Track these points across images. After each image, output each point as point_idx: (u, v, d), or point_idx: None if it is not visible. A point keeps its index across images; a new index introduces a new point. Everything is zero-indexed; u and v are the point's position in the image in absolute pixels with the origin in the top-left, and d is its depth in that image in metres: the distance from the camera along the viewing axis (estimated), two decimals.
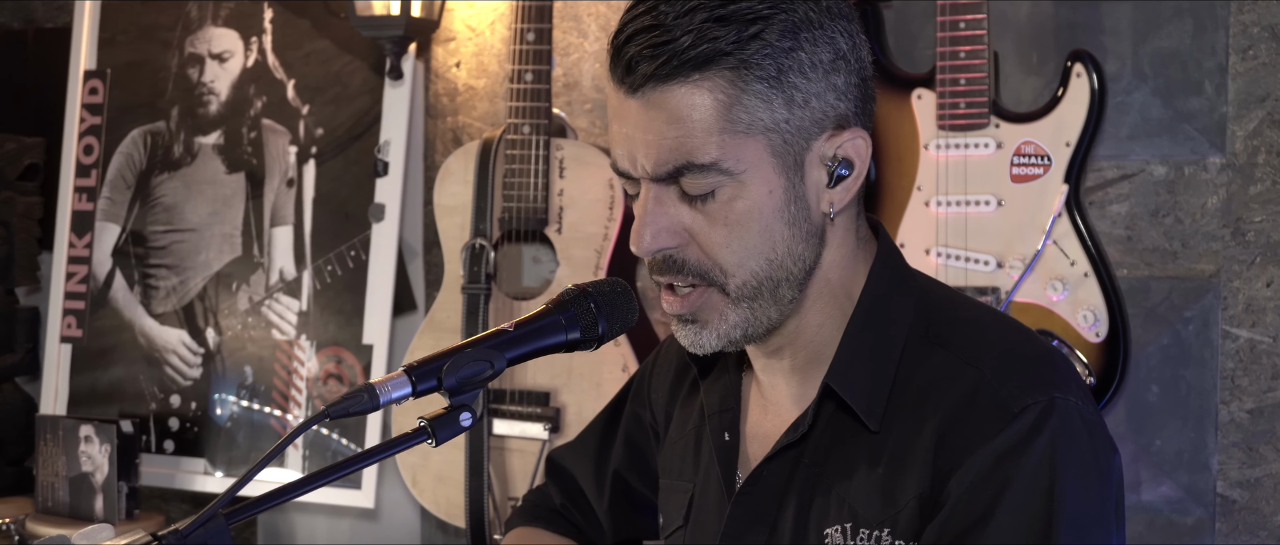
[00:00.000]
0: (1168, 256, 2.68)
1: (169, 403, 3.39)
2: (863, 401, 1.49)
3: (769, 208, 1.45)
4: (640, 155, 1.45)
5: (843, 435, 1.51)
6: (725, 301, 1.48)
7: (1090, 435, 1.44)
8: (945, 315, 1.53)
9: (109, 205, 3.51)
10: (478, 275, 2.91)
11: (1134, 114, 2.68)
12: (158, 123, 3.48)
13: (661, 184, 1.46)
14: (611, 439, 1.85)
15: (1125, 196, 2.70)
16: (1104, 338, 2.52)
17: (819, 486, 1.51)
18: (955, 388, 1.45)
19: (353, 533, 3.38)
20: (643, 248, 1.47)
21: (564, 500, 1.89)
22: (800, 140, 1.45)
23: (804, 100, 1.44)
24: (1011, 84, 2.74)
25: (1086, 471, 1.42)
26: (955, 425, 1.43)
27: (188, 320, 3.39)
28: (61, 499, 3.31)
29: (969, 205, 2.59)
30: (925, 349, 1.50)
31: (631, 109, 1.45)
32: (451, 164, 3.01)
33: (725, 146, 1.42)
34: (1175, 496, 2.67)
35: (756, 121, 1.42)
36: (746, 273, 1.46)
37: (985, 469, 1.40)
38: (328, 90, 3.27)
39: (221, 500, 1.38)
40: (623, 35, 1.45)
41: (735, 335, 1.49)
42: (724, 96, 1.41)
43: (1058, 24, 2.71)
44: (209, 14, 3.43)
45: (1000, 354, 1.48)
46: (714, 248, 1.46)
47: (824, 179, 1.47)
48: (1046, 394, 1.42)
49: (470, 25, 3.25)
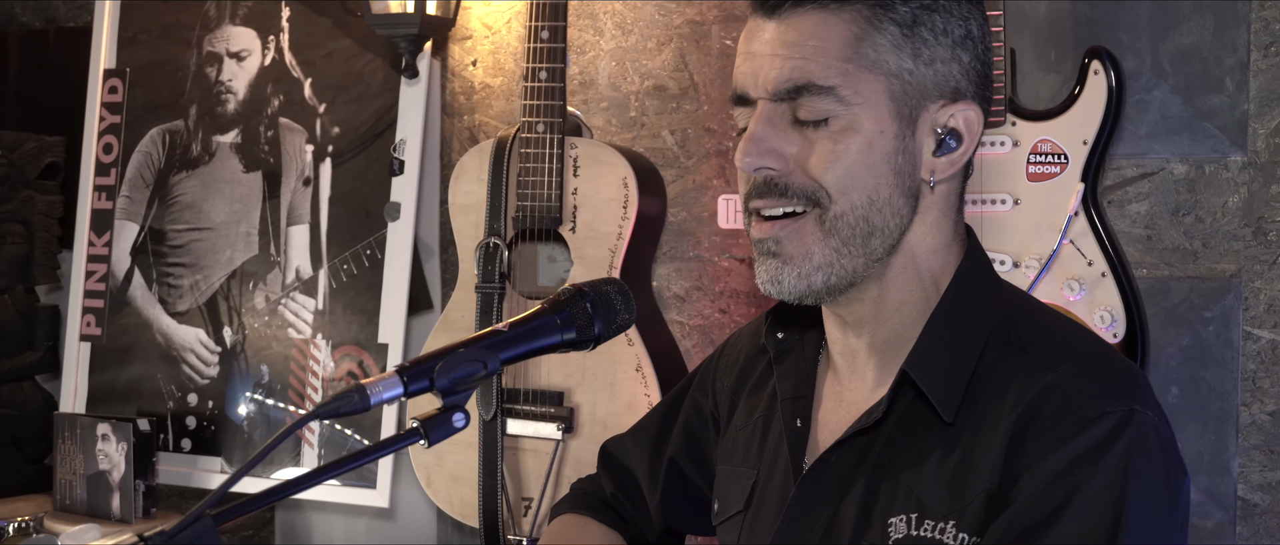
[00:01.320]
0: (1188, 256, 2.64)
1: (186, 401, 3.40)
2: (940, 392, 1.48)
3: (879, 147, 1.46)
4: (764, 73, 1.47)
5: (916, 426, 1.50)
6: (818, 231, 1.47)
7: (1164, 452, 1.43)
8: (1028, 321, 1.53)
9: (128, 204, 3.52)
10: (491, 274, 2.90)
11: (1154, 112, 2.64)
12: (176, 121, 3.48)
13: (776, 104, 1.47)
14: (670, 426, 1.85)
15: (1145, 195, 2.66)
16: (1121, 338, 2.49)
17: (887, 475, 1.50)
18: (1033, 388, 1.44)
19: (369, 532, 3.37)
20: (746, 163, 1.48)
21: (615, 490, 1.88)
22: (918, 95, 1.47)
23: (930, 59, 1.47)
24: (1029, 82, 2.71)
25: (1156, 487, 1.40)
26: (1031, 425, 1.42)
27: (205, 319, 3.40)
28: (79, 497, 3.32)
29: (985, 204, 2.56)
30: (1005, 351, 1.49)
31: (767, 30, 1.48)
32: (466, 162, 3.00)
33: (848, 75, 1.45)
34: (1195, 499, 2.64)
35: (882, 61, 1.45)
36: (848, 202, 1.47)
37: (1057, 471, 1.39)
38: (350, 89, 3.27)
39: (209, 501, 1.38)
40: None
41: (816, 280, 1.49)
42: (857, 29, 1.45)
43: (1076, 21, 2.68)
44: (227, 13, 3.43)
45: (1080, 361, 1.47)
46: (820, 169, 1.46)
47: (932, 146, 1.49)
48: (1125, 404, 1.41)
49: (486, 23, 3.24)
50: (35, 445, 3.56)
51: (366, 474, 3.16)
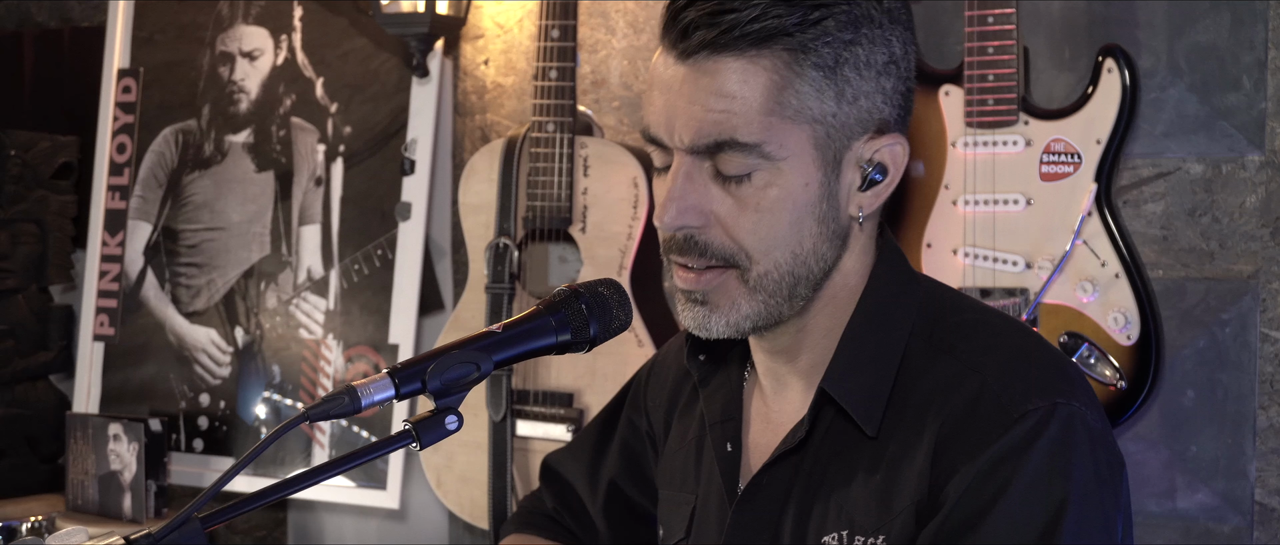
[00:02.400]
0: (1204, 257, 2.60)
1: (198, 401, 3.39)
2: (860, 407, 1.45)
3: (803, 200, 1.41)
4: (680, 124, 1.41)
5: (842, 442, 1.47)
6: (742, 289, 1.44)
7: (1093, 444, 1.39)
8: (950, 319, 1.49)
9: (141, 204, 3.52)
10: (501, 274, 2.88)
11: (1169, 110, 2.61)
12: (189, 121, 3.48)
13: (696, 158, 1.42)
14: (607, 446, 1.81)
15: (1161, 195, 2.62)
16: (1135, 340, 2.45)
17: (818, 493, 1.47)
18: (957, 394, 1.40)
19: (380, 533, 3.36)
20: (666, 222, 1.43)
21: (556, 504, 1.85)
22: (843, 137, 1.41)
23: (853, 96, 1.40)
24: (1043, 80, 2.68)
25: (1087, 480, 1.37)
26: (955, 431, 1.39)
27: (217, 319, 3.39)
28: (91, 497, 3.32)
29: (997, 204, 2.53)
30: (929, 354, 1.46)
31: (679, 76, 1.40)
32: (476, 162, 2.99)
33: (771, 128, 1.38)
34: (1211, 504, 2.60)
35: (805, 109, 1.39)
36: (770, 262, 1.42)
37: (983, 472, 1.36)
38: (366, 89, 3.25)
39: (197, 503, 1.37)
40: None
41: (745, 326, 1.46)
42: (778, 77, 1.38)
43: (1091, 18, 2.65)
44: (240, 12, 3.42)
45: (1004, 359, 1.43)
46: (741, 232, 1.42)
47: (857, 181, 1.44)
48: (1048, 398, 1.38)
49: (499, 22, 3.22)
50: (49, 445, 3.56)
51: (377, 475, 3.14)
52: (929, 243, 2.58)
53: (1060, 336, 2.49)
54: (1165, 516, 2.63)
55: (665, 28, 1.42)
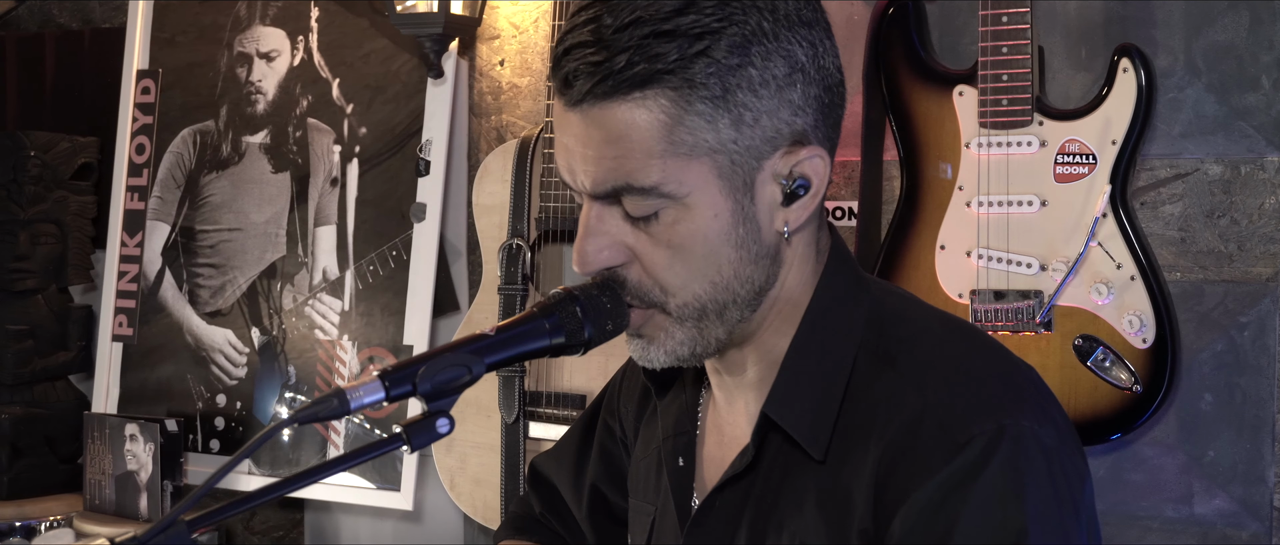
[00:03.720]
0: (1223, 259, 2.57)
1: (215, 402, 3.39)
2: (804, 430, 1.39)
3: (714, 231, 1.36)
4: (579, 171, 1.38)
5: (792, 464, 1.42)
6: (668, 320, 1.40)
7: (1048, 461, 1.31)
8: (896, 330, 1.42)
9: (159, 204, 3.53)
10: (514, 276, 2.87)
11: (1187, 111, 2.57)
12: (207, 122, 3.49)
13: (603, 202, 1.38)
14: (587, 450, 1.79)
15: (1179, 197, 2.59)
16: (1151, 344, 2.42)
17: (770, 519, 1.42)
18: (899, 415, 1.34)
19: (396, 534, 3.36)
20: (584, 265, 1.40)
21: (543, 508, 1.84)
22: (749, 160, 1.35)
23: (753, 119, 1.34)
24: (1060, 80, 2.65)
25: (1045, 499, 1.30)
26: (898, 458, 1.33)
27: (234, 320, 3.39)
28: (108, 497, 3.33)
29: (1011, 205, 2.50)
30: (875, 367, 1.40)
31: (572, 121, 1.37)
32: (490, 163, 2.98)
33: (667, 169, 1.33)
34: (1229, 510, 2.57)
35: (700, 143, 1.33)
36: (688, 295, 1.38)
37: (932, 504, 1.30)
38: (387, 89, 3.25)
39: (183, 506, 1.35)
40: (562, 45, 1.36)
41: (683, 352, 1.42)
42: (666, 117, 1.32)
43: (1108, 18, 2.62)
44: (257, 13, 3.43)
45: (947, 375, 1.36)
46: (656, 269, 1.38)
47: (778, 197, 1.38)
48: (994, 420, 1.31)
49: (514, 22, 3.21)
50: (68, 445, 3.57)
51: (391, 477, 3.14)
52: (943, 244, 2.56)
53: (1075, 339, 2.46)
54: (1182, 522, 2.60)
55: (551, 74, 1.39)
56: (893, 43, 2.61)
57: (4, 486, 3.45)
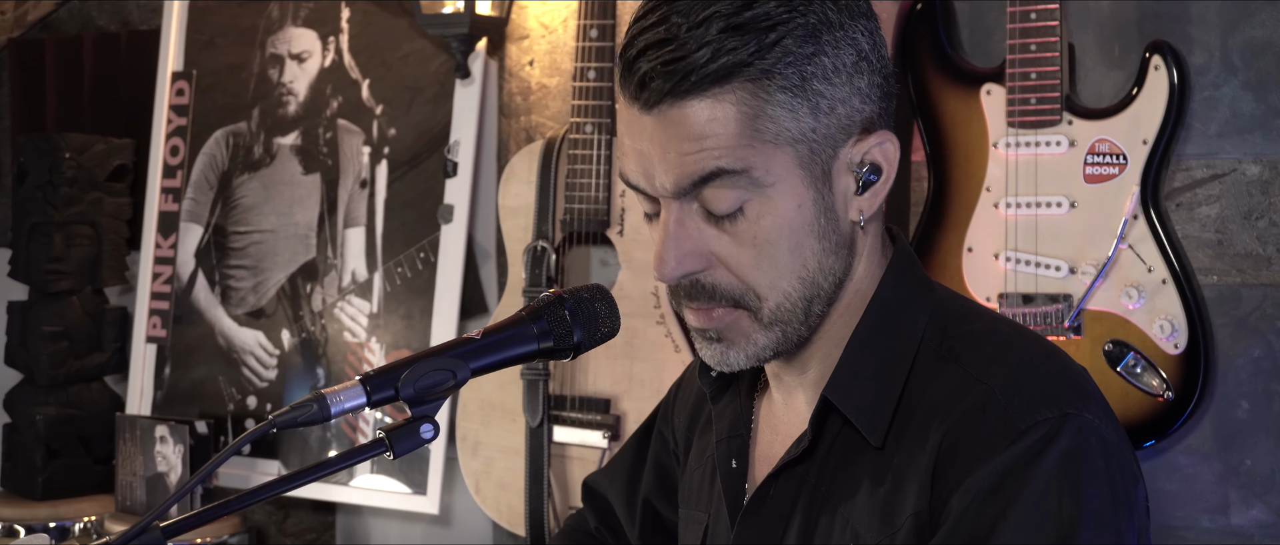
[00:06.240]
0: (1261, 262, 2.50)
1: (246, 404, 3.39)
2: (864, 416, 1.39)
3: (799, 223, 1.36)
4: (660, 174, 1.36)
5: (849, 453, 1.41)
6: (756, 326, 1.39)
7: (1106, 457, 1.31)
8: (960, 329, 1.42)
9: (193, 206, 3.53)
10: (539, 278, 2.85)
11: (1223, 109, 2.50)
12: (239, 124, 3.48)
13: (684, 202, 1.37)
14: (641, 464, 1.78)
15: (1215, 198, 2.52)
16: (1183, 349, 2.36)
17: (825, 506, 1.42)
18: (961, 403, 1.34)
19: (425, 536, 3.34)
20: (667, 273, 1.38)
21: (598, 524, 1.82)
22: (828, 148, 1.36)
23: (830, 107, 1.35)
24: (1093, 79, 2.58)
25: (1100, 493, 1.29)
26: (959, 442, 1.32)
27: (264, 321, 3.39)
28: (139, 498, 3.33)
29: (1040, 207, 2.44)
30: (937, 363, 1.40)
31: (646, 125, 1.35)
32: (516, 164, 2.95)
33: (754, 154, 1.33)
34: (1267, 520, 2.49)
35: (783, 132, 1.33)
36: (780, 295, 1.38)
37: (988, 488, 1.29)
38: (426, 90, 3.23)
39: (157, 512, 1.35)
40: (633, 48, 1.35)
41: (765, 355, 1.42)
42: (748, 109, 1.32)
43: (1141, 15, 2.55)
44: (290, 14, 3.42)
45: (1012, 369, 1.36)
46: (745, 270, 1.37)
47: (852, 186, 1.39)
48: (1057, 410, 1.31)
49: (543, 22, 3.19)
50: (103, 446, 3.58)
51: (417, 481, 3.12)
52: (970, 246, 2.50)
53: (1105, 344, 2.40)
54: (1218, 533, 2.52)
55: (622, 79, 1.37)
56: (920, 40, 2.56)
57: (38, 487, 3.47)
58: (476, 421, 2.98)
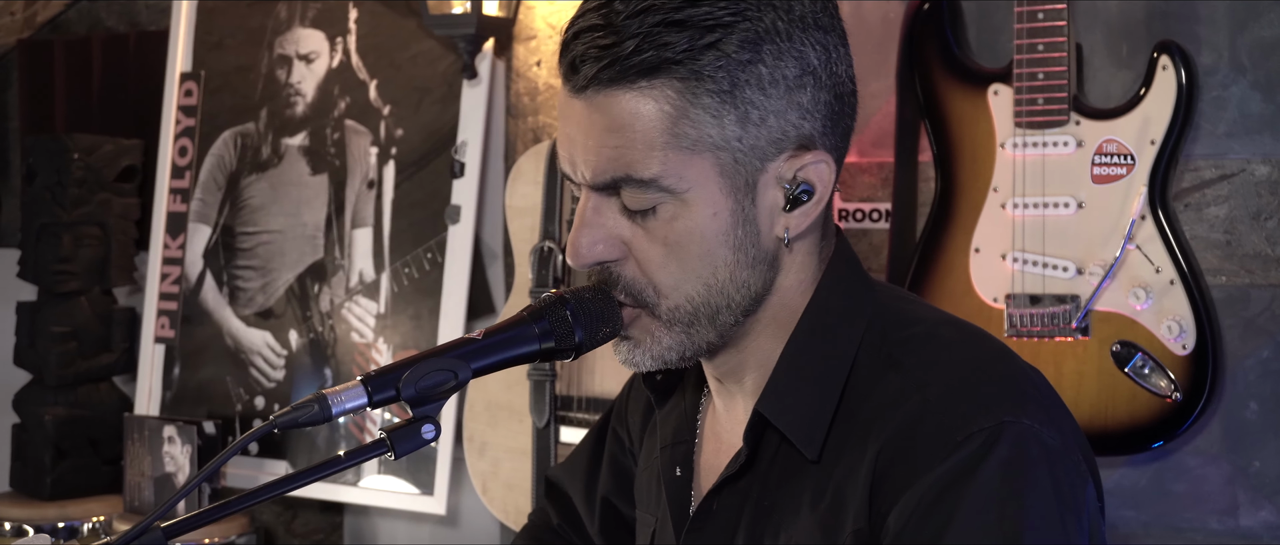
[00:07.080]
0: (1270, 262, 2.48)
1: (253, 404, 3.39)
2: (799, 430, 1.36)
3: (712, 230, 1.33)
4: (580, 161, 1.35)
5: (789, 467, 1.38)
6: (657, 324, 1.37)
7: (1050, 461, 1.27)
8: (902, 333, 1.39)
9: (201, 207, 3.53)
10: (545, 278, 2.84)
11: (1232, 109, 2.49)
12: (248, 124, 3.49)
13: (601, 193, 1.36)
14: (598, 462, 1.76)
15: (1224, 198, 2.51)
16: (1191, 350, 2.35)
17: (768, 522, 1.39)
18: (898, 413, 1.31)
19: (433, 537, 3.34)
20: (578, 258, 1.37)
21: (561, 520, 1.81)
22: (753, 160, 1.33)
23: (760, 118, 1.32)
24: (1100, 79, 2.57)
25: (1044, 499, 1.26)
26: (895, 456, 1.29)
27: (272, 322, 3.39)
28: (147, 499, 3.34)
29: (1047, 207, 2.43)
30: (878, 370, 1.36)
31: (575, 109, 1.35)
32: (523, 165, 2.95)
33: (668, 162, 1.31)
34: (1276, 522, 2.48)
35: (704, 138, 1.31)
36: (680, 297, 1.36)
37: (927, 503, 1.26)
38: (435, 90, 3.23)
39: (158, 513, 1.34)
40: (571, 30, 1.34)
41: (671, 357, 1.39)
42: (671, 108, 1.30)
43: (1149, 15, 2.54)
44: (298, 14, 3.42)
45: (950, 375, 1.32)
46: (651, 267, 1.35)
47: (780, 201, 1.35)
48: (994, 419, 1.27)
49: (551, 23, 3.18)
50: (111, 446, 3.58)
51: (423, 481, 3.12)
52: (977, 247, 2.49)
53: (1113, 345, 2.39)
54: (1227, 534, 2.51)
55: (559, 60, 1.36)
56: (927, 40, 2.56)
57: (47, 487, 3.47)
58: (483, 422, 2.98)
